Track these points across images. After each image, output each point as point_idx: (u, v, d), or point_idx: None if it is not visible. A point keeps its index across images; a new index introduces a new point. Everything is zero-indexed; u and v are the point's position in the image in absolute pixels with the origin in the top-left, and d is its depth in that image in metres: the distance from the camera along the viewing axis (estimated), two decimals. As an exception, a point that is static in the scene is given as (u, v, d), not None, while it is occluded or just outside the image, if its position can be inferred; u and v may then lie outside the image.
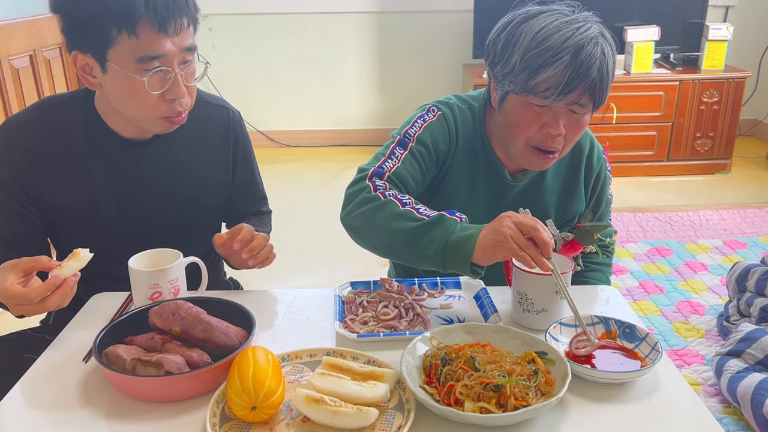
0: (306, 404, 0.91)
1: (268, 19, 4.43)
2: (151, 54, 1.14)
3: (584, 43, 1.12)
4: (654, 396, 1.00)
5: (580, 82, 1.13)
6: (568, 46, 1.12)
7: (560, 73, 1.13)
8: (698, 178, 4.01)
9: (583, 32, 1.13)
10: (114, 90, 1.20)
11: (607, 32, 1.20)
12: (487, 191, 1.35)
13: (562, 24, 1.14)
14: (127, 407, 0.97)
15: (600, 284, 1.45)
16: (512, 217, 1.07)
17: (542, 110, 1.19)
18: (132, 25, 1.12)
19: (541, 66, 1.14)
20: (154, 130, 1.29)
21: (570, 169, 1.40)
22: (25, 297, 1.05)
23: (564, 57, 1.12)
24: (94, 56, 1.17)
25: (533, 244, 1.05)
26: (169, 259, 1.20)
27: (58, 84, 3.20)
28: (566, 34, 1.13)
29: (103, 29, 1.13)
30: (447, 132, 1.31)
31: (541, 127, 1.21)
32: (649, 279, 2.76)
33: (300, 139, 4.67)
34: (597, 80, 1.14)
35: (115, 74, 1.16)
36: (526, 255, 1.04)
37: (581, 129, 1.23)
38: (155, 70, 1.16)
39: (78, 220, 1.33)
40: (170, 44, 1.15)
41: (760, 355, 1.91)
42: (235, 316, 1.11)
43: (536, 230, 1.04)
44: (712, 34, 3.86)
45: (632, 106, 3.89)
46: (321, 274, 2.85)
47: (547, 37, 1.14)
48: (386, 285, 1.30)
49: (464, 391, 0.93)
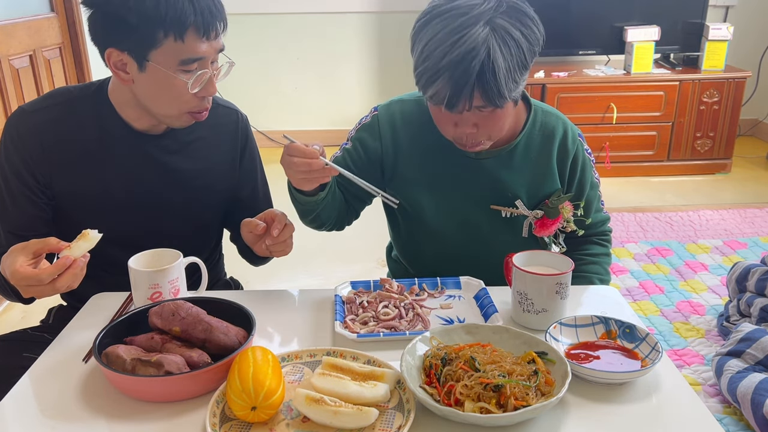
0: (306, 404, 0.91)
1: (268, 19, 4.43)
2: (193, 57, 1.21)
3: (460, 58, 1.14)
4: (654, 396, 1.00)
5: (461, 95, 1.17)
6: (444, 65, 1.15)
7: (442, 89, 1.18)
8: (698, 178, 4.01)
9: (464, 43, 1.14)
10: (150, 87, 1.24)
11: (512, 21, 1.17)
12: (453, 171, 1.38)
13: (445, 35, 1.15)
14: (127, 407, 0.97)
15: (598, 277, 1.45)
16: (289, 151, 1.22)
17: (450, 111, 1.23)
18: (181, 31, 1.18)
19: (426, 83, 1.19)
20: (175, 125, 1.32)
21: (541, 153, 1.39)
22: (36, 278, 1.04)
23: (442, 74, 1.16)
24: (132, 55, 1.21)
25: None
26: (169, 259, 1.20)
27: (58, 84, 3.20)
28: (444, 50, 1.15)
29: (151, 32, 1.17)
30: (378, 130, 1.40)
31: (454, 126, 1.26)
32: (649, 279, 2.76)
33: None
34: (480, 88, 1.16)
35: (155, 73, 1.21)
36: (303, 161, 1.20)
37: (498, 120, 1.25)
38: (197, 72, 1.22)
39: (86, 208, 1.34)
40: (208, 47, 1.22)
41: (760, 355, 1.91)
42: (235, 316, 1.11)
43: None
44: (712, 34, 3.86)
45: (632, 106, 3.89)
46: (321, 274, 2.85)
47: (428, 55, 1.17)
48: (386, 285, 1.30)
49: (464, 391, 0.93)
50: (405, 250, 1.55)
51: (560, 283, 1.14)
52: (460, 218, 1.41)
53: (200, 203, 1.43)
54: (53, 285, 1.06)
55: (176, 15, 1.16)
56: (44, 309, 1.52)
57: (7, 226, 1.32)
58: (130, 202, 1.35)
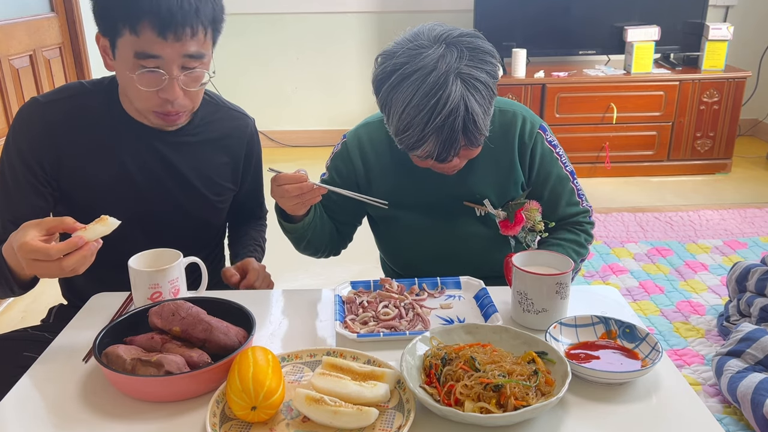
0: (306, 404, 0.91)
1: (268, 19, 4.43)
2: (148, 53, 1.19)
3: (444, 121, 1.18)
4: (654, 396, 1.00)
5: (450, 151, 1.23)
6: (430, 130, 1.19)
7: (430, 150, 1.23)
8: (698, 178, 4.01)
9: (444, 105, 1.17)
10: (119, 76, 1.28)
11: (475, 64, 1.20)
12: (423, 186, 1.42)
13: (422, 100, 1.18)
14: (127, 407, 0.97)
15: (571, 250, 1.44)
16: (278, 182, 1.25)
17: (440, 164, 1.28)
18: (134, 24, 1.17)
19: (413, 147, 1.24)
20: (152, 123, 1.32)
21: (502, 150, 1.41)
22: (45, 252, 1.00)
23: (429, 138, 1.20)
24: (109, 41, 1.24)
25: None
26: (169, 259, 1.20)
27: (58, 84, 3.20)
28: (426, 116, 1.18)
29: (114, 21, 1.19)
30: (348, 156, 1.45)
31: (436, 165, 1.30)
32: (649, 279, 2.76)
33: (300, 139, 4.67)
34: (465, 138, 1.22)
35: (119, 62, 1.24)
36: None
37: (476, 150, 1.30)
38: (148, 69, 1.21)
39: (89, 203, 1.34)
40: (169, 49, 1.19)
41: (760, 355, 1.91)
42: (235, 316, 1.11)
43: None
44: (712, 34, 3.86)
45: (632, 106, 3.89)
46: (321, 274, 2.85)
47: (410, 122, 1.20)
48: (386, 285, 1.30)
49: (464, 391, 0.93)
50: (389, 254, 1.59)
51: (560, 283, 1.14)
52: (435, 222, 1.44)
53: (203, 203, 1.44)
54: (60, 263, 1.01)
55: (129, 8, 1.16)
56: (45, 308, 1.52)
57: (8, 215, 1.31)
58: (135, 197, 1.36)
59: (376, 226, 1.55)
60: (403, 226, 1.47)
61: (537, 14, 4.04)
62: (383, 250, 1.61)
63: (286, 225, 1.39)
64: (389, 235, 1.53)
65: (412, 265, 1.53)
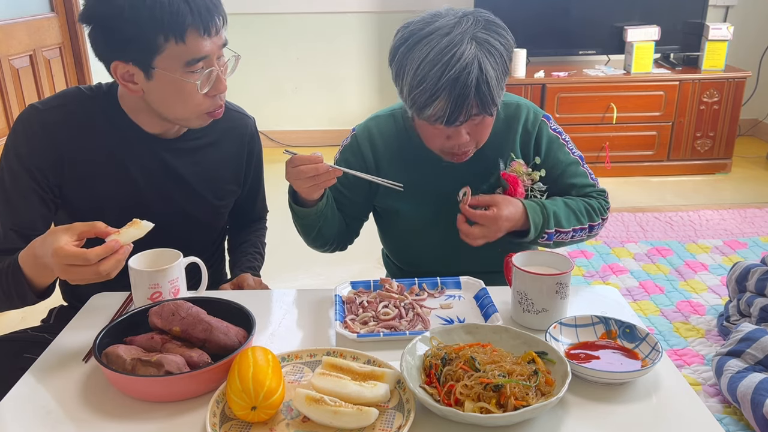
0: (306, 404, 0.91)
1: (268, 19, 4.43)
2: (197, 56, 1.20)
3: (458, 74, 1.19)
4: (654, 396, 1.00)
5: (462, 110, 1.22)
6: (443, 83, 1.19)
7: (442, 107, 1.22)
8: (698, 178, 4.01)
9: (458, 60, 1.19)
10: (160, 94, 1.25)
11: (491, 35, 1.23)
12: (430, 179, 1.43)
13: (437, 56, 1.19)
14: (127, 407, 0.97)
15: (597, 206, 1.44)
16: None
17: (443, 127, 1.27)
18: (181, 33, 1.18)
19: (425, 105, 1.23)
20: (194, 126, 1.33)
21: (506, 140, 1.43)
22: (83, 257, 1.01)
23: (442, 93, 1.20)
24: (137, 65, 1.21)
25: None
26: (169, 259, 1.20)
27: (58, 84, 3.20)
28: (441, 69, 1.19)
29: (151, 39, 1.17)
30: (358, 149, 1.45)
31: (446, 139, 1.30)
32: (649, 279, 2.76)
33: (300, 139, 4.66)
34: (478, 100, 1.22)
35: (162, 79, 1.22)
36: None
37: (487, 127, 1.32)
38: (202, 71, 1.22)
39: (93, 208, 1.33)
40: (210, 44, 1.22)
41: (760, 355, 1.91)
42: (235, 316, 1.11)
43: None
44: (712, 34, 3.86)
45: (632, 106, 3.89)
46: (321, 274, 2.85)
47: (425, 76, 1.21)
48: (386, 285, 1.30)
49: (464, 391, 0.93)
50: (393, 249, 1.60)
51: (560, 283, 1.14)
52: (440, 217, 1.44)
53: (206, 207, 1.44)
54: (97, 267, 1.02)
55: (173, 18, 1.16)
56: (44, 309, 1.52)
57: (9, 223, 1.29)
58: (137, 203, 1.36)
59: (381, 220, 1.55)
60: (408, 220, 1.47)
61: (537, 14, 4.04)
62: (387, 245, 1.61)
63: (299, 210, 1.37)
64: (394, 229, 1.54)
65: (416, 260, 1.53)
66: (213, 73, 1.24)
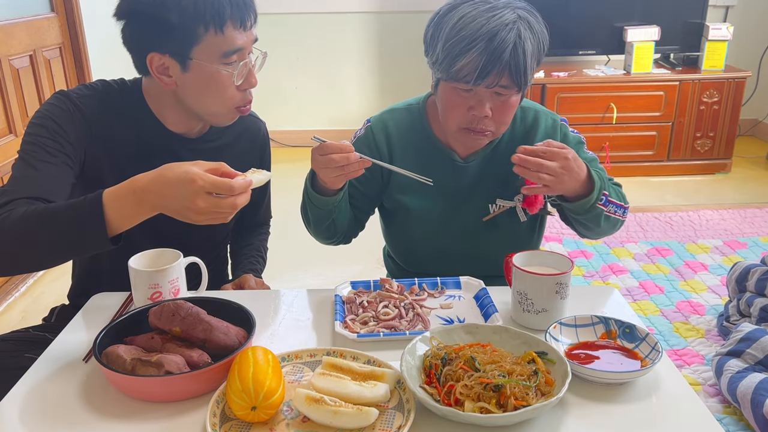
0: (306, 404, 0.91)
1: (268, 19, 4.43)
2: (233, 48, 1.24)
3: (498, 30, 1.21)
4: (654, 396, 1.00)
5: (494, 66, 1.22)
6: (482, 33, 1.21)
7: (476, 58, 1.22)
8: (698, 178, 4.01)
9: (498, 19, 1.22)
10: (195, 86, 1.26)
11: (532, 16, 1.26)
12: (440, 176, 1.40)
13: (479, 13, 1.23)
14: (127, 407, 0.97)
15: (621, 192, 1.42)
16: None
17: (468, 94, 1.28)
18: (221, 24, 1.21)
19: (459, 53, 1.23)
20: (223, 122, 1.34)
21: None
22: (228, 186, 1.01)
23: (478, 44, 1.21)
24: (173, 56, 1.23)
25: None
26: (169, 259, 1.20)
27: (58, 84, 3.20)
28: (481, 22, 1.22)
29: (192, 29, 1.20)
30: (373, 140, 1.45)
31: (468, 110, 1.30)
32: (649, 279, 2.76)
33: (300, 139, 4.67)
34: (512, 62, 1.22)
35: (199, 70, 1.23)
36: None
37: (509, 109, 1.31)
38: (237, 63, 1.25)
39: None
40: (245, 38, 1.25)
41: (760, 355, 1.91)
42: (235, 316, 1.11)
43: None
44: (712, 34, 3.86)
45: (632, 106, 3.89)
46: (321, 274, 2.85)
47: (464, 26, 1.23)
48: (386, 285, 1.30)
49: (464, 391, 0.93)
50: (398, 249, 1.58)
51: (560, 283, 1.14)
52: (449, 218, 1.44)
53: None
54: (235, 200, 1.02)
55: (215, 9, 1.20)
56: (45, 308, 1.52)
57: (35, 192, 1.16)
58: None
59: (387, 216, 1.54)
60: (415, 216, 1.46)
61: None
62: (391, 242, 1.60)
63: (317, 199, 1.35)
64: (400, 226, 1.52)
65: (419, 258, 1.52)
66: (247, 65, 1.27)
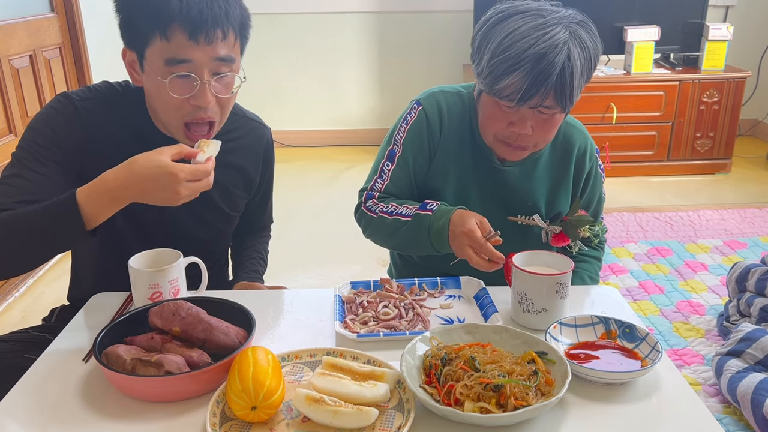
0: (306, 404, 0.91)
1: (269, 19, 4.43)
2: (178, 58, 1.17)
3: (546, 51, 1.16)
4: (654, 396, 1.00)
5: (539, 90, 1.18)
6: (529, 55, 1.17)
7: (520, 81, 1.19)
8: (698, 178, 4.01)
9: (548, 39, 1.17)
10: (148, 88, 1.25)
11: (585, 33, 1.22)
12: (476, 173, 1.39)
13: (529, 29, 1.18)
14: (127, 407, 0.97)
15: (588, 275, 1.46)
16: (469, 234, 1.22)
17: (510, 110, 1.25)
18: (164, 28, 1.15)
19: (503, 74, 1.20)
20: (177, 137, 1.28)
21: (561, 164, 1.42)
22: (205, 170, 1.12)
23: (524, 65, 1.17)
24: (136, 54, 1.22)
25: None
26: (169, 259, 1.20)
27: (58, 84, 3.20)
28: (530, 42, 1.17)
29: (144, 29, 1.18)
30: (427, 127, 1.38)
31: (508, 125, 1.27)
32: (649, 279, 2.76)
33: (300, 139, 4.67)
34: (558, 86, 1.19)
35: (148, 73, 1.21)
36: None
37: (552, 127, 1.28)
38: (179, 75, 1.18)
39: None
40: (200, 52, 1.17)
41: (760, 355, 1.91)
42: (235, 316, 1.11)
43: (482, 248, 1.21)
44: (712, 34, 3.86)
45: (632, 106, 3.89)
46: (321, 274, 2.85)
47: (511, 45, 1.18)
48: (386, 285, 1.30)
49: (464, 391, 0.93)
50: None
51: (560, 283, 1.14)
52: (474, 210, 1.40)
53: (219, 212, 1.43)
54: (209, 179, 1.13)
55: (159, 12, 1.15)
56: (44, 308, 1.52)
57: (28, 196, 1.19)
58: (151, 207, 1.34)
59: None
60: None
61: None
62: None
63: (431, 251, 1.34)
64: None
65: (438, 261, 1.47)
66: (195, 81, 1.19)
